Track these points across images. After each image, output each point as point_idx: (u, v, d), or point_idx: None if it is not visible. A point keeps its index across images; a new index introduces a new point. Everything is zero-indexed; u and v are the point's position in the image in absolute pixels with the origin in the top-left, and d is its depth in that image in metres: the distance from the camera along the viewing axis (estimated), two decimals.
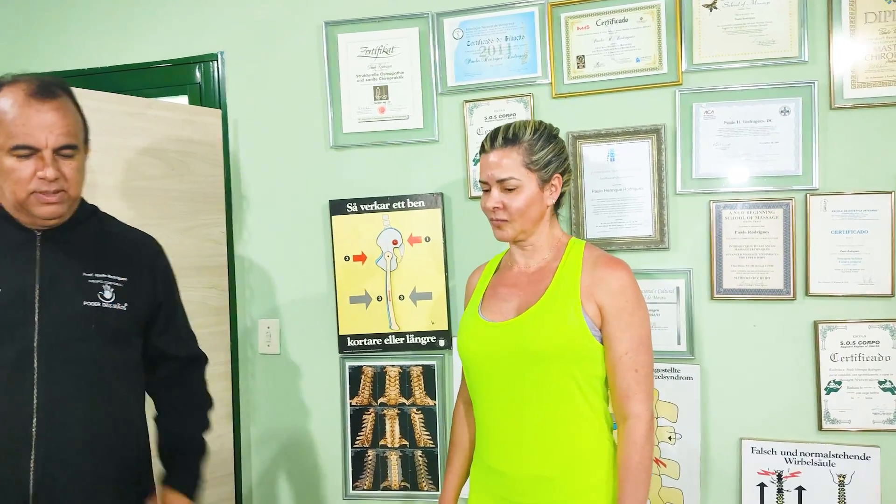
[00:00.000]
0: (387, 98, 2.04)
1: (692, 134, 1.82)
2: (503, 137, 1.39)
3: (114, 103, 1.87)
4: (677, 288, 1.83)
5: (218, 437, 2.08)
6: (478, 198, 1.96)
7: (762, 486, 1.76)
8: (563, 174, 1.43)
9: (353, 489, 2.07)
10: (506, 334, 1.37)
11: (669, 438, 1.82)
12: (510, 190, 1.37)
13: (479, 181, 1.44)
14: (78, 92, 1.79)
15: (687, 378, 1.81)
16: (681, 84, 1.82)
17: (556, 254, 1.44)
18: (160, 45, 2.22)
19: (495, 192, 1.39)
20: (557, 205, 1.47)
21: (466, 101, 1.97)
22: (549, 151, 1.39)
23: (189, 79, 2.20)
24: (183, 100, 2.20)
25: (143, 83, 2.20)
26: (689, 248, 1.83)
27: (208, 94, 2.18)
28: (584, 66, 1.89)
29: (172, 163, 1.99)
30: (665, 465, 1.82)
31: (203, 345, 2.01)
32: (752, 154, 1.79)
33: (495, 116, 1.95)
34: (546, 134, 1.41)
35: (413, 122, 2.02)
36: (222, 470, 2.09)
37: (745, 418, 1.80)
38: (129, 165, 1.90)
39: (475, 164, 1.96)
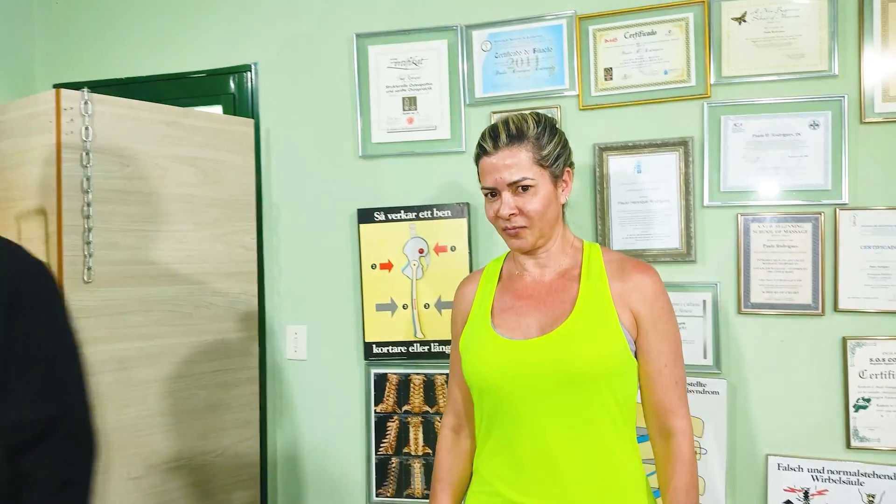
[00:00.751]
0: (415, 109, 2.07)
1: (720, 147, 1.82)
2: (507, 135, 1.25)
3: (151, 112, 1.93)
4: (704, 301, 1.82)
5: (245, 440, 2.12)
6: None
7: (788, 503, 1.74)
8: (570, 167, 1.33)
9: (377, 496, 2.08)
10: (537, 354, 1.22)
11: (695, 453, 1.80)
12: (524, 191, 1.25)
13: (483, 188, 1.30)
14: (117, 100, 1.86)
15: (713, 392, 1.80)
16: (709, 97, 1.82)
17: (573, 259, 1.32)
18: (196, 56, 2.28)
19: (507, 196, 1.25)
20: (566, 203, 1.37)
21: (493, 112, 1.99)
22: (557, 144, 1.28)
23: (224, 89, 2.26)
24: (217, 109, 2.26)
25: (179, 93, 2.26)
26: (717, 261, 1.82)
27: (242, 104, 2.23)
28: (611, 79, 1.90)
29: (206, 170, 2.04)
30: None
31: (232, 350, 2.05)
32: (780, 168, 1.78)
33: None
34: (549, 125, 1.30)
35: (441, 132, 2.05)
36: (248, 473, 2.12)
37: (771, 434, 1.78)
38: (166, 173, 1.95)
39: None
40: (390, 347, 2.07)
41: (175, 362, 1.95)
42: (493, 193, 1.28)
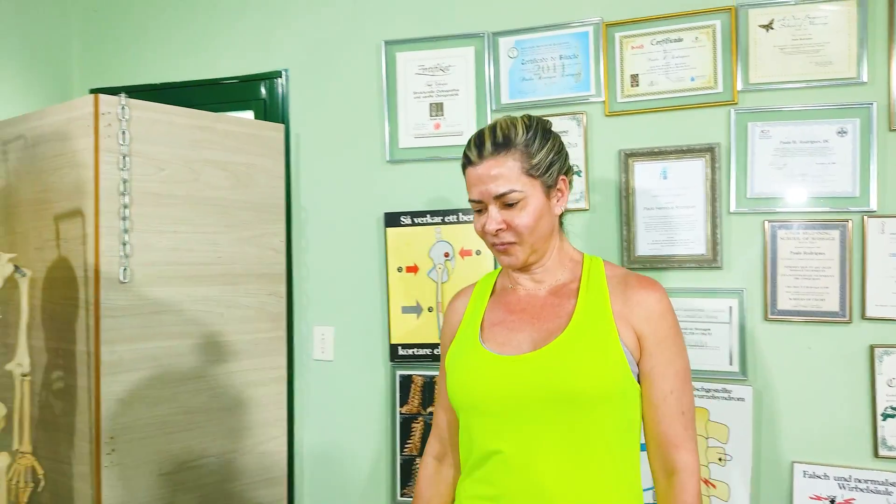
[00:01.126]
0: (442, 114, 2.10)
1: (747, 153, 1.82)
2: (493, 143, 1.14)
3: (185, 117, 1.98)
4: (730, 308, 1.82)
5: (273, 438, 2.16)
6: None
7: None
8: (566, 174, 1.21)
9: (402, 496, 2.11)
10: (526, 370, 1.11)
11: (720, 460, 1.81)
12: (512, 205, 1.13)
13: (470, 201, 1.19)
14: (152, 105, 1.91)
15: (739, 399, 1.80)
16: (736, 103, 1.82)
17: (572, 273, 1.22)
18: (228, 63, 2.33)
19: (494, 210, 1.14)
20: (562, 212, 1.24)
21: None
22: (549, 150, 1.16)
23: (255, 94, 2.30)
24: (249, 114, 2.31)
25: (211, 98, 2.32)
26: (743, 267, 1.82)
27: (272, 110, 2.28)
28: (637, 85, 1.91)
29: (238, 174, 2.09)
30: (715, 487, 1.81)
31: (261, 350, 2.10)
32: (808, 174, 1.78)
33: None
34: (540, 130, 1.18)
35: (467, 138, 2.07)
36: (276, 471, 2.16)
37: (797, 441, 1.77)
38: (199, 176, 2.00)
39: None
40: (416, 349, 2.09)
41: (206, 361, 1.99)
42: (480, 207, 1.18)
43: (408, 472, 2.10)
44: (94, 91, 2.31)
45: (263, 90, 2.30)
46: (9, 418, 1.79)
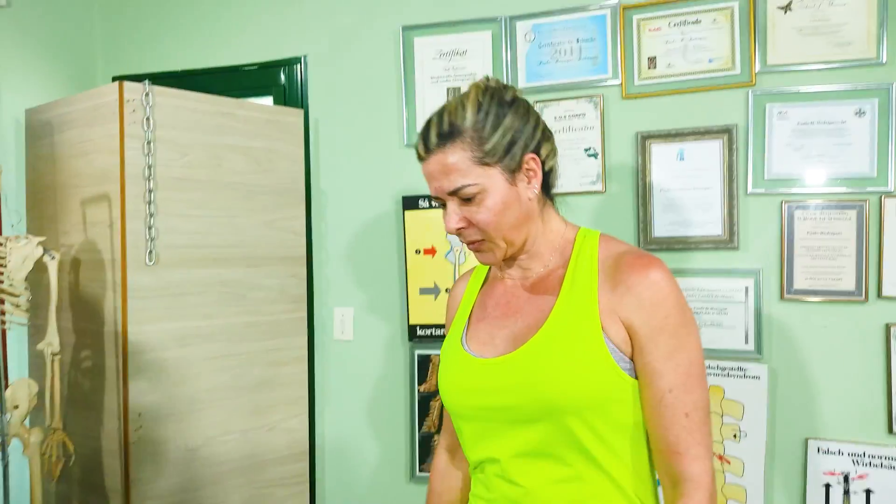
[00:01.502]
0: None
1: (765, 135, 1.82)
2: (437, 134, 0.99)
3: (207, 103, 2.02)
4: (746, 288, 1.84)
5: (295, 416, 2.20)
6: None
7: (828, 486, 1.76)
8: (538, 150, 1.02)
9: (420, 472, 2.15)
10: (501, 375, 0.99)
11: (734, 436, 1.83)
12: (469, 200, 0.99)
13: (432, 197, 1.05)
14: (175, 92, 1.95)
15: (754, 377, 1.82)
16: (754, 85, 1.83)
17: (561, 256, 1.06)
18: (248, 50, 2.36)
19: (452, 207, 1.00)
20: (548, 188, 1.07)
21: (537, 102, 2.03)
22: (508, 128, 0.98)
23: (275, 81, 2.33)
24: (269, 100, 2.34)
25: (232, 85, 2.35)
26: (760, 248, 1.84)
27: (292, 95, 2.31)
28: (655, 67, 1.92)
29: (259, 159, 2.12)
30: (729, 463, 1.84)
31: (282, 330, 2.15)
32: (825, 155, 1.78)
33: (565, 116, 2.00)
34: (495, 105, 1.00)
35: None
36: (298, 448, 2.21)
37: (812, 418, 1.79)
38: (220, 161, 2.03)
39: None
40: (433, 330, 2.13)
41: (230, 341, 2.04)
42: (440, 203, 1.04)
43: (426, 449, 2.14)
44: (117, 78, 2.34)
45: (283, 76, 2.33)
46: (40, 396, 1.84)
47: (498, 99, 1.01)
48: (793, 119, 1.81)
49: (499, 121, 0.99)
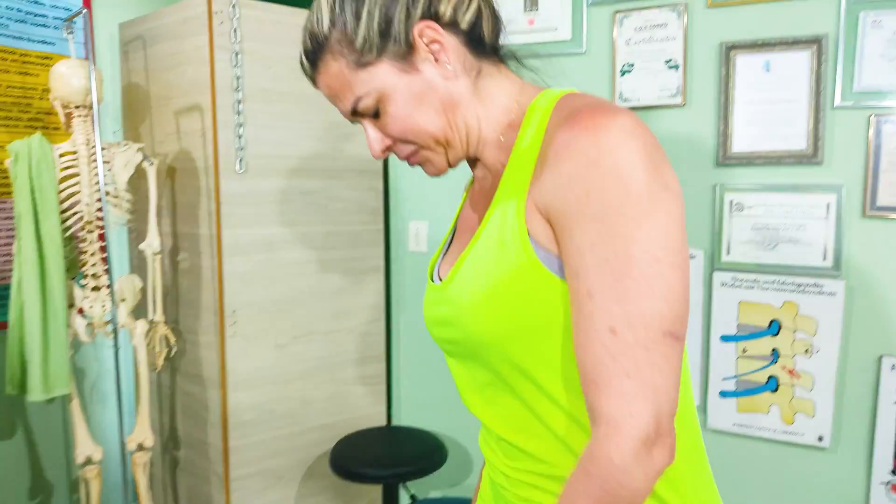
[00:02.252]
0: (536, 9, 2.10)
1: (856, 45, 1.75)
2: (307, 57, 0.79)
3: (291, 16, 2.06)
4: (828, 204, 1.81)
5: (373, 321, 2.33)
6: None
7: None
8: (432, 13, 0.76)
9: None
10: (436, 305, 0.82)
11: (806, 352, 1.85)
12: (376, 114, 0.78)
13: None
14: (261, 5, 2.00)
15: (830, 294, 1.82)
16: None
17: (510, 143, 0.80)
18: None
19: (368, 128, 0.81)
20: (484, 49, 0.81)
21: (617, 12, 1.99)
22: (373, 6, 0.75)
23: None
24: None
25: None
26: (844, 163, 1.80)
27: None
28: None
29: None
30: (799, 377, 1.86)
31: (360, 240, 2.24)
32: None
33: (645, 27, 1.97)
34: None
35: (561, 33, 2.07)
36: (376, 350, 2.34)
37: (888, 336, 1.78)
38: (300, 74, 2.09)
39: (622, 76, 2.00)
40: None
41: (312, 248, 2.15)
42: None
43: None
44: None
45: None
46: (144, 292, 2.00)
47: None
48: (887, 28, 1.73)
49: (358, 5, 0.75)
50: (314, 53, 0.78)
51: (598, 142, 0.65)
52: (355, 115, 0.80)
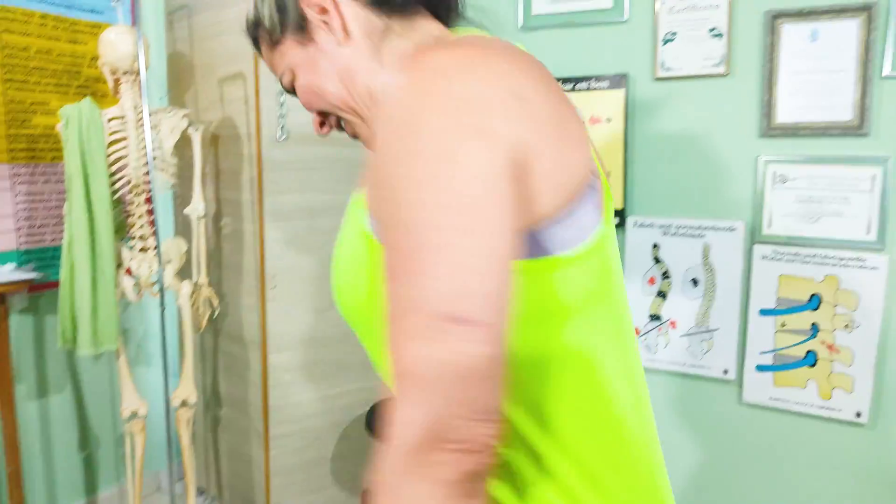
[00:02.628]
0: None
1: None
2: (253, 45, 0.81)
3: None
4: (873, 176, 1.78)
5: None
6: (665, 79, 1.98)
7: None
8: None
9: None
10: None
11: (846, 326, 1.82)
12: (293, 90, 0.78)
13: None
14: None
15: (873, 268, 1.79)
16: None
17: None
18: None
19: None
20: (386, 4, 0.72)
21: None
22: None
23: None
24: None
25: None
26: (891, 135, 1.76)
27: None
28: None
29: None
30: (839, 352, 1.84)
31: None
32: None
33: None
34: None
35: (603, 1, 2.05)
36: None
37: None
38: None
39: (664, 45, 1.97)
40: None
41: None
42: None
43: None
44: None
45: None
46: (188, 255, 2.06)
47: None
48: None
49: None
50: (253, 40, 0.79)
51: (400, 93, 0.57)
52: (291, 94, 0.79)
